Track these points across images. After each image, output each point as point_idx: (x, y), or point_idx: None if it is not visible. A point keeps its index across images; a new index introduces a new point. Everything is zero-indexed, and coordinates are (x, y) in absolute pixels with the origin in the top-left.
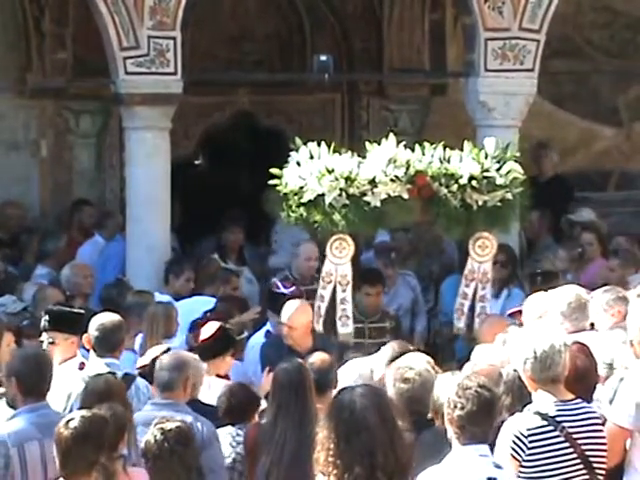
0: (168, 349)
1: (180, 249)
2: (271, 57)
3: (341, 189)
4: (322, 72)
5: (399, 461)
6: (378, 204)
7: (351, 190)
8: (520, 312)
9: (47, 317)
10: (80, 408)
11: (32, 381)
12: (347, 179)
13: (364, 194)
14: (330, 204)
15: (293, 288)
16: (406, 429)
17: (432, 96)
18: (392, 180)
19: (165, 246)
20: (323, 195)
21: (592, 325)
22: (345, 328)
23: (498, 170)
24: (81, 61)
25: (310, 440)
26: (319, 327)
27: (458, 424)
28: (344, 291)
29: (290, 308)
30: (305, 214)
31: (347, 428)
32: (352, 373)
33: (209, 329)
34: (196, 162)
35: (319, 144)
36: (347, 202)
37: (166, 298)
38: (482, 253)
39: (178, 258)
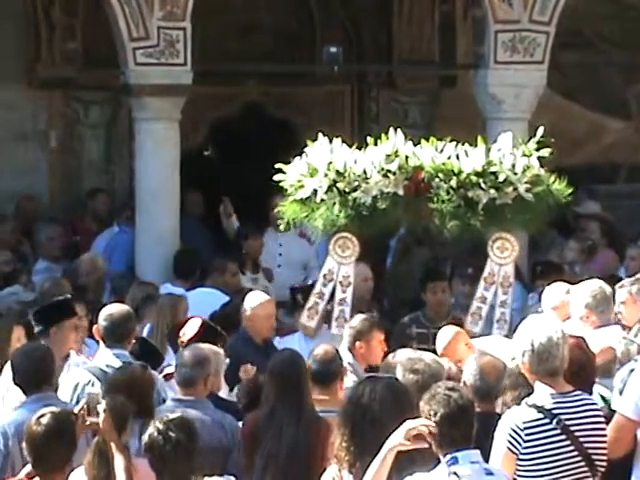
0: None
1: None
2: (281, 48)
3: (329, 186)
4: (332, 64)
5: (412, 458)
6: (369, 200)
7: (341, 185)
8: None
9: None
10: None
11: (27, 375)
12: (337, 173)
13: (355, 190)
14: (322, 200)
15: None
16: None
17: (441, 88)
18: (385, 175)
19: (174, 237)
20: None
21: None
22: (339, 329)
23: (513, 167)
24: (91, 51)
25: (307, 432)
26: (313, 324)
27: (437, 432)
28: (344, 292)
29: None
30: (298, 212)
31: (363, 417)
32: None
33: (193, 327)
34: (205, 153)
35: (330, 139)
36: (337, 199)
37: (179, 291)
38: (502, 255)
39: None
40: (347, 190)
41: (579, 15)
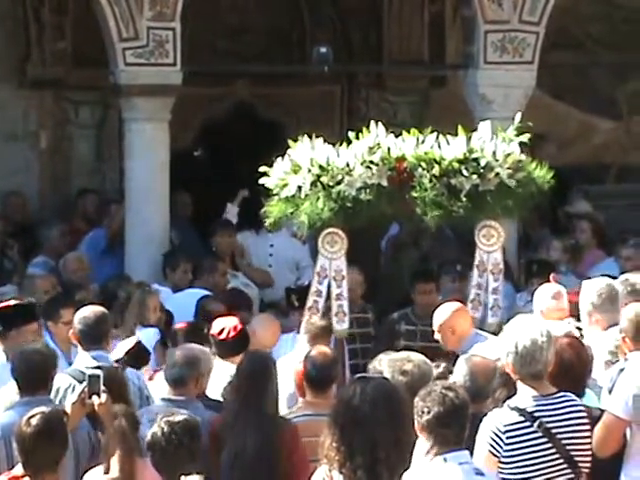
0: (139, 342)
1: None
2: (271, 49)
3: (313, 181)
4: (322, 64)
5: (403, 459)
6: (354, 193)
7: (325, 179)
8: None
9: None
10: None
11: (24, 378)
12: (320, 168)
13: (339, 183)
14: (306, 195)
15: None
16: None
17: (431, 88)
18: (368, 167)
19: (164, 238)
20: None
21: None
22: (341, 324)
23: (494, 154)
24: (80, 52)
25: (271, 433)
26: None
27: (428, 430)
28: (339, 286)
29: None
30: (284, 210)
31: (353, 417)
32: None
33: (231, 326)
34: (195, 153)
35: (310, 137)
36: (322, 193)
37: (167, 291)
38: (488, 243)
39: (172, 251)
40: (331, 184)
41: (569, 15)
